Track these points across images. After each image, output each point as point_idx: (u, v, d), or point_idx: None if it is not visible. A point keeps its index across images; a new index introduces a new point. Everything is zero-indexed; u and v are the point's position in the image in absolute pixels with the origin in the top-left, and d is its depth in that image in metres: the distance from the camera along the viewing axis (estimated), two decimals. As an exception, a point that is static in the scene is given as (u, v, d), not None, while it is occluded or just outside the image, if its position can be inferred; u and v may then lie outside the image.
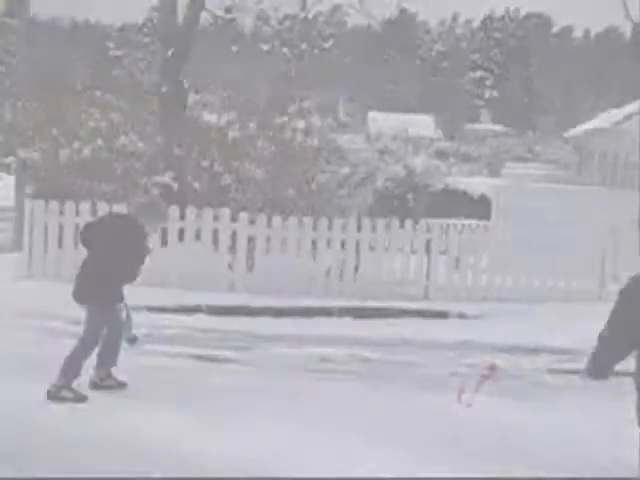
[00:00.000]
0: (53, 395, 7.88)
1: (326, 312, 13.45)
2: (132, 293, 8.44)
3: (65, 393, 7.89)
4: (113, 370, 8.31)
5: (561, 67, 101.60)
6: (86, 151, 15.41)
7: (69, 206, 13.88)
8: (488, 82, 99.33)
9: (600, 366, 5.22)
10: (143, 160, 15.65)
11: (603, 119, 26.12)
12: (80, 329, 10.99)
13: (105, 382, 8.24)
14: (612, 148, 21.71)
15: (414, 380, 9.82)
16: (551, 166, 40.17)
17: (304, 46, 35.19)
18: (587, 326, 12.27)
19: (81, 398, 7.88)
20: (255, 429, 7.23)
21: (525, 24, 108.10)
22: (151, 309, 11.95)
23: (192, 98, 18.22)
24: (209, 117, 16.41)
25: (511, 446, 7.35)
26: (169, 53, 16.55)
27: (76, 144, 15.53)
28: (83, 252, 8.47)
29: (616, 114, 23.18)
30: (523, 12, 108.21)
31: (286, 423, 7.44)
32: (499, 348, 11.46)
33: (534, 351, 11.44)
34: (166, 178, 14.94)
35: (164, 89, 16.71)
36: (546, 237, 15.06)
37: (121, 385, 8.27)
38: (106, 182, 15.11)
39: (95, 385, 8.20)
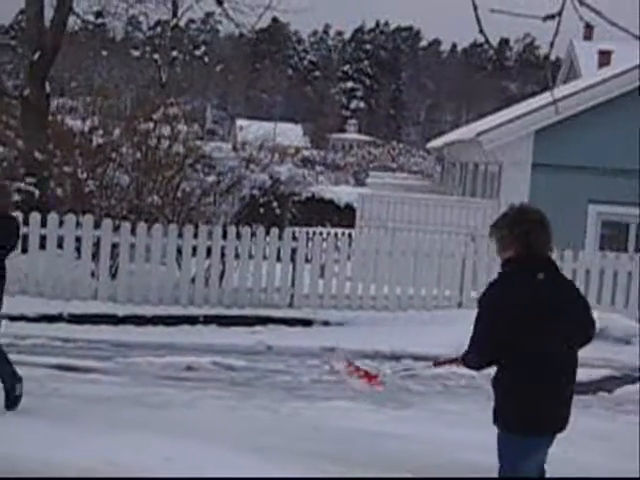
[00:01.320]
0: None
1: (191, 320, 13.41)
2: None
3: None
4: None
5: (428, 80, 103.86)
6: (-57, 156, 14.99)
7: None
8: (358, 93, 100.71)
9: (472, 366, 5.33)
10: (3, 165, 15.28)
11: (464, 131, 26.81)
12: None
13: None
14: (472, 159, 22.31)
15: (278, 387, 9.90)
16: (415, 176, 41.03)
17: (175, 53, 34.90)
18: (447, 332, 12.69)
19: None
20: (117, 440, 7.11)
21: (395, 37, 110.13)
22: (12, 318, 11.64)
23: (56, 103, 17.94)
24: (73, 122, 16.15)
25: (372, 450, 7.47)
26: (35, 56, 16.23)
27: None
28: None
29: (477, 126, 23.83)
30: (393, 25, 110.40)
31: (149, 433, 7.35)
32: (362, 354, 11.64)
33: (395, 357, 11.67)
34: (27, 184, 14.63)
35: (26, 93, 16.38)
36: (408, 245, 15.37)
37: None
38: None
39: None
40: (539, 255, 5.08)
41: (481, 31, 3.23)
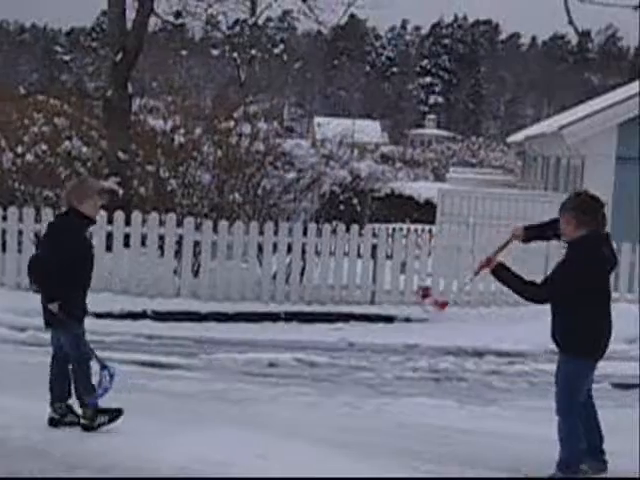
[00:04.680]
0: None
1: (273, 317, 13.48)
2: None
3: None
4: None
5: (507, 73, 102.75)
6: (29, 156, 15.28)
7: (12, 212, 13.71)
8: (437, 88, 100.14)
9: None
10: (87, 165, 15.54)
11: (546, 125, 26.44)
12: (24, 335, 10.97)
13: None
14: (555, 153, 21.99)
15: (361, 384, 9.88)
16: (495, 171, 40.56)
17: (254, 51, 35.18)
18: (530, 329, 12.53)
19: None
20: (205, 436, 7.11)
21: (473, 31, 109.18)
22: (97, 315, 11.84)
23: (138, 103, 18.18)
24: (155, 122, 16.34)
25: (461, 447, 7.39)
26: (117, 58, 16.47)
27: (19, 149, 15.39)
28: (27, 258, 8.20)
29: (558, 119, 23.49)
30: (471, 19, 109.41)
31: (236, 429, 7.37)
32: (444, 351, 11.57)
33: (478, 354, 11.56)
34: (111, 183, 14.84)
35: (109, 94, 16.63)
36: (490, 241, 15.18)
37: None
38: (50, 187, 14.97)
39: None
40: (604, 231, 6.37)
41: (570, 22, 3.17)
